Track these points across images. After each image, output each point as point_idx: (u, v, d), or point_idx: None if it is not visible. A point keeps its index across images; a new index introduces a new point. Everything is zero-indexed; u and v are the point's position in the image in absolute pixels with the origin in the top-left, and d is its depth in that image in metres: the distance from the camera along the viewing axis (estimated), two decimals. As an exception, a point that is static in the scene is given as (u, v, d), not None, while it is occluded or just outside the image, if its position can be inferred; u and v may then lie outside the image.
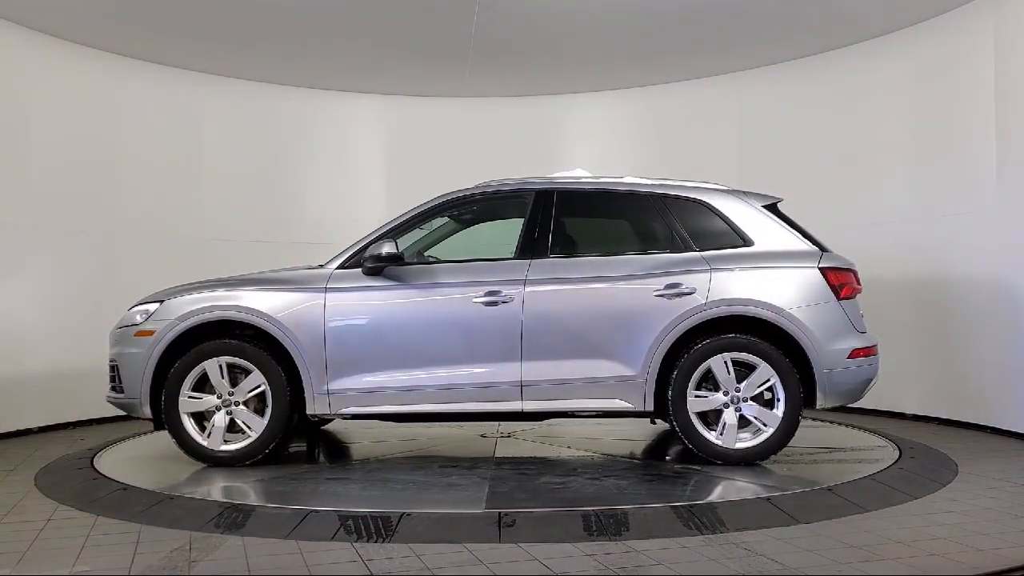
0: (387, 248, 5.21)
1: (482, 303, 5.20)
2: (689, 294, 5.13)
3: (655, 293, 5.15)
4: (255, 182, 8.81)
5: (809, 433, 6.44)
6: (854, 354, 5.15)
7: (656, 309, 5.13)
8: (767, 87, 8.47)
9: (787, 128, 8.37)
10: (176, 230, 8.28)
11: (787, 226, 5.41)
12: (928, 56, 7.24)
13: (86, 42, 7.58)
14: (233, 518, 4.14)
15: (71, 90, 7.59)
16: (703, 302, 5.11)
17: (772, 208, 5.50)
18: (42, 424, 7.22)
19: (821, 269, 5.21)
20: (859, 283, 5.39)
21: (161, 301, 5.46)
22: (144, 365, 5.28)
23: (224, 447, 5.26)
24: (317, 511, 4.15)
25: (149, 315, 5.40)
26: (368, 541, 3.86)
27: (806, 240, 5.38)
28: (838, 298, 5.17)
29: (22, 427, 7.06)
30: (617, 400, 5.16)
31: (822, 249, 5.34)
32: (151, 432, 6.62)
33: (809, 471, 5.12)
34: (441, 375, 5.19)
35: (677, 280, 5.17)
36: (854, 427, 6.70)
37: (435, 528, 3.97)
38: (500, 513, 4.05)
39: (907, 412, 7.43)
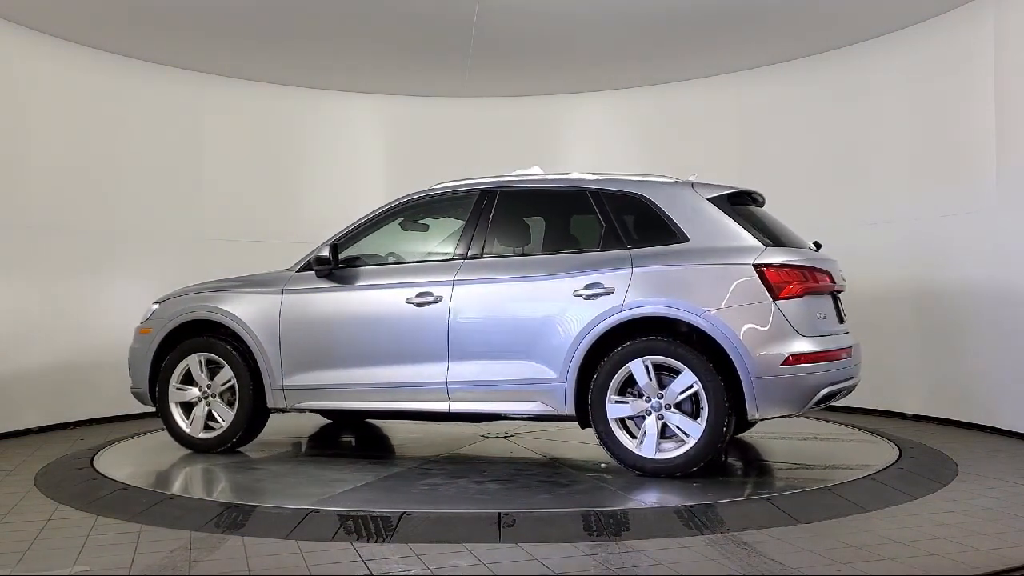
0: (324, 252, 5.44)
1: (414, 303, 5.23)
2: (608, 294, 4.85)
3: (574, 292, 4.92)
4: (255, 182, 8.81)
5: (809, 432, 6.44)
6: (790, 360, 4.60)
7: (575, 309, 4.89)
8: (767, 87, 8.47)
9: (787, 128, 8.37)
10: (176, 230, 8.28)
11: (732, 219, 4.93)
12: (928, 56, 7.24)
13: (86, 42, 7.58)
14: (233, 518, 4.14)
15: (71, 90, 7.59)
16: (621, 302, 4.81)
17: (729, 200, 5.07)
18: (42, 424, 7.21)
19: (756, 266, 4.72)
20: (819, 280, 4.88)
21: (160, 302, 6.02)
22: (145, 359, 5.88)
23: (202, 435, 5.74)
24: (317, 511, 4.15)
25: (151, 314, 5.99)
26: (368, 541, 3.86)
27: (754, 235, 4.87)
28: (775, 298, 4.66)
29: (22, 427, 7.06)
30: (538, 403, 4.97)
31: (769, 244, 4.84)
32: (151, 432, 6.69)
33: (809, 471, 5.12)
34: (377, 374, 5.31)
35: (597, 279, 4.91)
36: (854, 427, 6.70)
37: (435, 528, 3.97)
38: (500, 513, 4.05)
39: (907, 412, 7.43)
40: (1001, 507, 4.43)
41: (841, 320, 5.22)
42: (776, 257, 4.78)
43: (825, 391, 4.75)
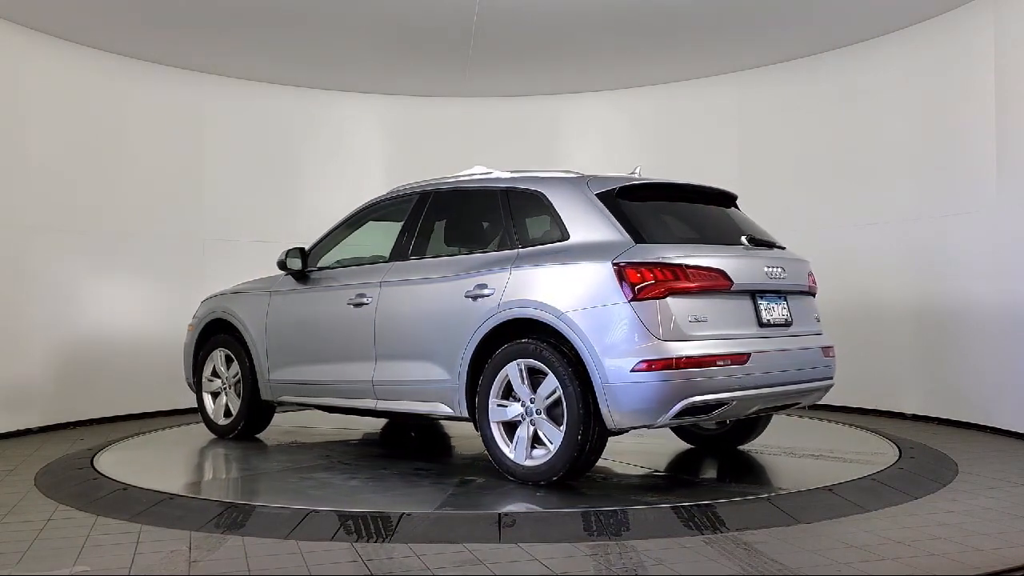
0: (281, 256, 5.81)
1: (352, 304, 5.39)
2: (490, 295, 4.75)
3: (465, 294, 4.87)
4: (256, 182, 8.81)
5: (809, 433, 6.45)
6: (643, 367, 4.22)
7: (465, 311, 4.83)
8: (767, 87, 8.47)
9: (787, 128, 8.37)
10: (176, 230, 8.29)
11: (612, 215, 4.60)
12: (928, 56, 7.24)
13: (86, 42, 7.59)
14: (233, 518, 4.14)
15: (71, 90, 7.59)
16: (498, 303, 4.70)
17: (620, 194, 4.73)
18: (42, 424, 7.22)
19: (616, 265, 4.36)
20: (694, 280, 4.42)
21: (205, 300, 6.61)
22: (189, 353, 6.57)
23: (222, 421, 6.33)
24: (317, 511, 4.14)
25: (196, 311, 6.62)
26: (368, 541, 3.86)
27: (634, 232, 4.51)
28: (634, 298, 4.29)
29: (22, 427, 7.06)
30: (440, 404, 4.98)
31: (643, 241, 4.47)
32: (151, 432, 6.70)
33: (809, 471, 5.12)
34: (328, 371, 5.57)
35: (485, 280, 4.81)
36: (854, 427, 6.70)
37: (435, 528, 3.97)
38: (500, 513, 4.05)
39: (907, 412, 7.43)
40: (1001, 507, 4.43)
41: (761, 323, 4.69)
42: (639, 255, 4.38)
43: (691, 400, 4.27)
